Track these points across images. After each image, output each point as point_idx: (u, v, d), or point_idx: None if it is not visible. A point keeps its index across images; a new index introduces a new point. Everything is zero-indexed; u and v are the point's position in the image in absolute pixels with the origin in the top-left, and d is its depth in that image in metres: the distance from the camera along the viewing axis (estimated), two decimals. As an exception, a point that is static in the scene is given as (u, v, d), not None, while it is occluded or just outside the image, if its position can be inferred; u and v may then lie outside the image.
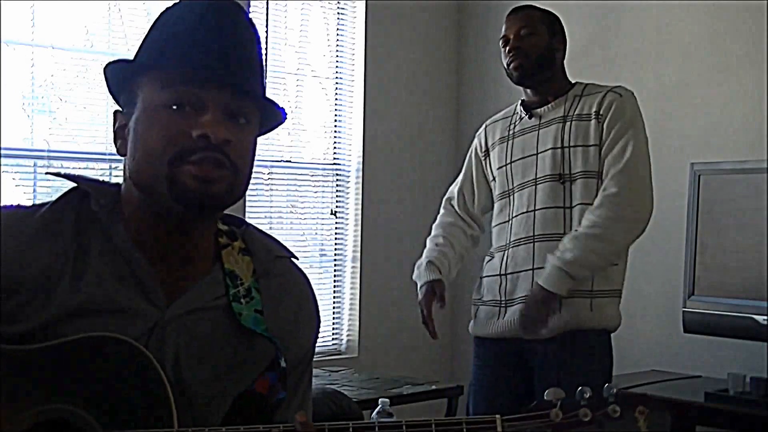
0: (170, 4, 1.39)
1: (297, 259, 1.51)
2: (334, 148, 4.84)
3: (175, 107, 1.30)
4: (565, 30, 3.10)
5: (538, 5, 3.10)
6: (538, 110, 2.96)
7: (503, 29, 2.99)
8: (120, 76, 1.37)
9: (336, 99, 4.83)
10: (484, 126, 3.13)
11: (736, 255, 3.67)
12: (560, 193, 2.87)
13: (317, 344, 4.54)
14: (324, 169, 4.81)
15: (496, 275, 2.94)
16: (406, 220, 4.91)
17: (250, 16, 4.57)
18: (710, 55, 4.17)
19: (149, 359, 1.26)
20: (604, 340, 2.89)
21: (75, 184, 1.40)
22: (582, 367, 2.79)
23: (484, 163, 3.08)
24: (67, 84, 3.99)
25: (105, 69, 1.36)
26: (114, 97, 1.41)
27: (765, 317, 3.49)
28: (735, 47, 4.09)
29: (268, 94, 1.42)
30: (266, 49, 4.45)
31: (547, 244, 2.84)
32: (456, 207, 3.13)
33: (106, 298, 1.31)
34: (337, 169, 4.83)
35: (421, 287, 3.02)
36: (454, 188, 3.18)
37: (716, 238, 3.73)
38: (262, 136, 1.44)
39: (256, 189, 4.50)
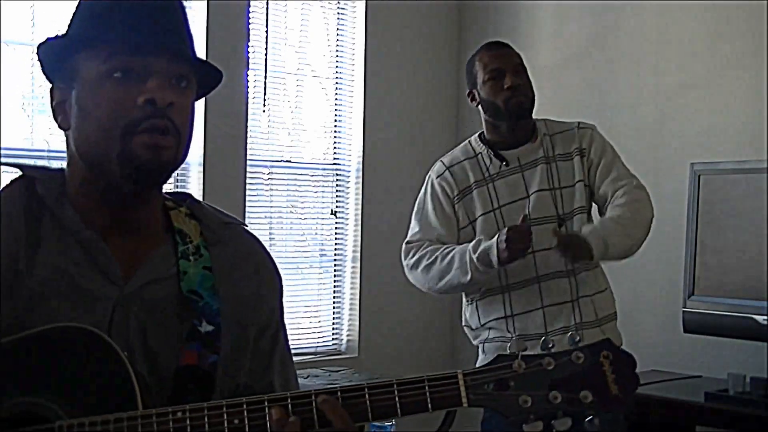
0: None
1: (246, 225, 1.53)
2: (334, 148, 4.83)
3: (118, 75, 1.33)
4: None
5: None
6: (515, 152, 2.92)
7: (490, 62, 2.92)
8: (56, 54, 1.39)
9: (336, 99, 4.83)
10: (444, 168, 2.97)
11: (736, 255, 3.67)
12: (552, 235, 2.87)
13: (317, 344, 4.52)
14: (324, 169, 4.81)
15: (501, 317, 2.89)
16: (406, 220, 4.89)
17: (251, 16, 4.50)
18: (710, 55, 4.18)
19: (111, 346, 1.27)
20: None
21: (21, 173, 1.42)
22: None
23: (456, 206, 2.95)
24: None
25: (38, 49, 1.38)
26: (48, 77, 1.42)
27: (765, 317, 3.49)
28: (735, 47, 4.09)
29: (269, 93, 1.45)
30: (266, 49, 4.45)
31: (550, 282, 2.86)
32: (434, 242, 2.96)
33: (64, 280, 1.33)
34: (337, 169, 4.83)
35: (501, 238, 2.74)
36: (425, 231, 2.98)
37: (716, 238, 3.73)
38: (265, 139, 1.44)
39: (256, 189, 4.50)
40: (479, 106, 2.98)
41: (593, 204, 2.98)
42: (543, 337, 1.30)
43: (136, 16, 1.34)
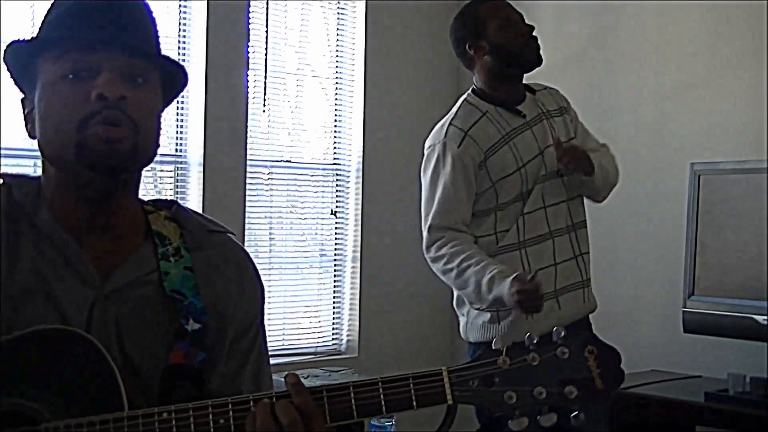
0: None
1: (233, 234, 1.53)
2: (334, 148, 4.83)
3: (71, 76, 1.34)
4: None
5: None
6: (519, 107, 2.92)
7: (500, 10, 2.91)
8: (20, 60, 1.40)
9: (336, 99, 4.83)
10: (463, 133, 2.85)
11: (736, 255, 3.67)
12: (561, 189, 2.93)
13: (317, 344, 4.50)
14: (324, 169, 4.81)
15: None
16: (406, 220, 4.90)
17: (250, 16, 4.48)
18: (710, 55, 4.17)
19: (97, 347, 1.28)
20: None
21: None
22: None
23: (480, 172, 2.85)
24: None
25: (5, 53, 1.40)
26: (17, 84, 1.44)
27: (765, 317, 3.49)
28: (735, 47, 4.09)
29: (269, 93, 1.44)
30: (266, 49, 4.45)
31: (559, 239, 2.89)
32: (464, 230, 2.88)
33: (41, 284, 1.34)
34: (337, 169, 4.83)
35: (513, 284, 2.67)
36: (446, 214, 2.86)
37: (716, 238, 3.72)
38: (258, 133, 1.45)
39: (256, 189, 4.50)
40: (486, 57, 2.89)
41: None
42: (528, 334, 1.30)
43: (90, 16, 1.35)
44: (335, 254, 4.84)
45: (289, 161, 4.66)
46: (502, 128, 2.88)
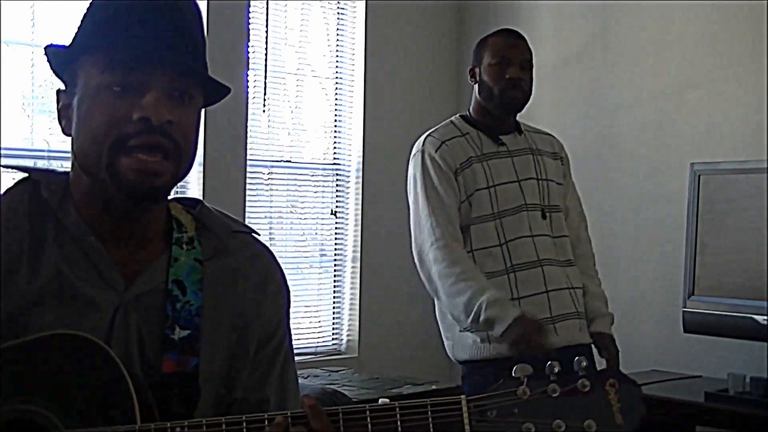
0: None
1: (258, 234, 1.50)
2: (334, 148, 4.83)
3: (117, 89, 1.29)
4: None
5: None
6: (505, 137, 2.92)
7: (501, 48, 2.90)
8: (61, 58, 1.36)
9: (336, 99, 4.83)
10: (440, 142, 2.89)
11: (736, 255, 3.67)
12: (542, 223, 2.91)
13: (317, 344, 4.49)
14: (324, 169, 4.81)
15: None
16: (406, 220, 4.89)
17: (251, 16, 4.48)
18: (710, 55, 4.18)
19: (109, 354, 1.26)
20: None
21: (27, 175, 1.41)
22: None
23: (457, 178, 2.87)
24: (67, 84, 3.99)
25: (45, 50, 1.36)
26: (56, 74, 1.39)
27: (765, 317, 3.49)
28: (735, 47, 4.09)
29: (269, 93, 1.43)
30: (266, 49, 4.45)
31: (549, 268, 2.86)
32: (457, 234, 2.88)
33: (64, 285, 1.31)
34: (337, 169, 4.83)
35: (515, 321, 2.71)
36: (448, 219, 2.87)
37: (716, 238, 3.73)
38: (263, 138, 1.43)
39: (256, 189, 4.50)
40: (476, 86, 2.96)
41: None
42: (548, 363, 1.27)
43: (141, 25, 1.29)
44: (335, 254, 4.84)
45: (289, 161, 4.66)
46: (479, 149, 2.90)
